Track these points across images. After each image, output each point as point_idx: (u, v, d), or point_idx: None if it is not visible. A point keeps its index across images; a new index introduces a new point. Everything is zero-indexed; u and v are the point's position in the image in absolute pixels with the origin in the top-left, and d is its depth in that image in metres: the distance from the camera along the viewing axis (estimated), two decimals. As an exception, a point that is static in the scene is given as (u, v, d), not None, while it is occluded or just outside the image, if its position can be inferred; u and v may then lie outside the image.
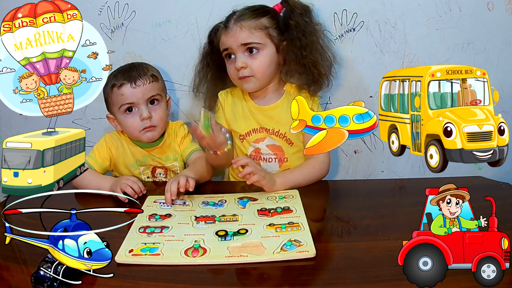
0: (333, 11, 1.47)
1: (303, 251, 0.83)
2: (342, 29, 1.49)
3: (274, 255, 0.82)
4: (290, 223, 0.95)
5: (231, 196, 1.13)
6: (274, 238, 0.88)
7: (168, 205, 1.08)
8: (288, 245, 0.85)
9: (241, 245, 0.87)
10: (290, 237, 0.88)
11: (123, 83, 1.27)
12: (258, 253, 0.84)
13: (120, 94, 1.27)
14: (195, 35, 1.52)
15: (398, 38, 1.46)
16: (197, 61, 1.39)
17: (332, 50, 1.35)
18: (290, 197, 1.10)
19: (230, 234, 0.91)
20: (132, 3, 1.51)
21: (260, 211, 1.02)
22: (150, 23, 1.52)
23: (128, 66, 1.34)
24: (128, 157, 1.34)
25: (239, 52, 1.22)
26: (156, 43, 1.52)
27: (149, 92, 1.29)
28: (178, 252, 0.84)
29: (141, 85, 1.28)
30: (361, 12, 1.46)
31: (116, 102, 1.29)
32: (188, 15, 1.50)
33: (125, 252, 0.85)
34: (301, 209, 1.02)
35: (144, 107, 1.28)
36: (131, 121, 1.29)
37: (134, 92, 1.27)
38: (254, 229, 0.93)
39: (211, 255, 0.84)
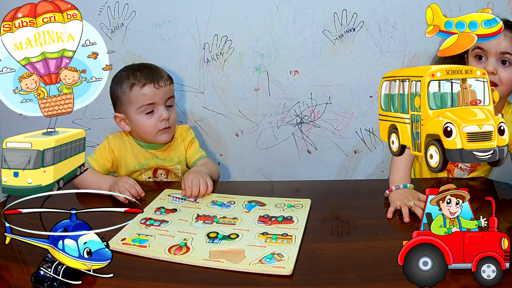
0: (333, 11, 1.47)
1: (279, 267, 0.80)
2: (342, 29, 1.49)
3: (249, 266, 0.81)
4: (284, 235, 0.93)
5: (241, 198, 1.12)
6: (259, 248, 0.87)
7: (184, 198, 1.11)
8: (268, 258, 0.83)
9: (224, 249, 0.87)
10: (275, 249, 0.86)
11: (146, 83, 1.27)
12: (235, 261, 0.83)
13: (142, 94, 1.27)
14: (195, 35, 1.52)
15: (398, 38, 1.47)
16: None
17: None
18: (299, 206, 1.07)
19: (219, 237, 0.91)
20: (132, 3, 1.51)
21: (261, 217, 1.01)
22: (150, 23, 1.52)
23: (142, 65, 1.34)
24: (130, 159, 1.34)
25: (492, 57, 1.19)
26: (156, 43, 1.52)
27: (168, 93, 1.32)
28: (162, 248, 0.86)
29: (163, 86, 1.29)
30: (361, 12, 1.47)
31: (135, 102, 1.28)
32: (188, 15, 1.51)
33: (118, 240, 0.89)
34: (303, 220, 0.99)
35: (163, 108, 1.30)
36: (150, 122, 1.29)
37: (156, 93, 1.28)
38: (246, 235, 0.93)
39: (191, 255, 0.85)
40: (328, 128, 1.60)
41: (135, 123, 1.31)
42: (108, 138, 1.35)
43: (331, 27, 1.49)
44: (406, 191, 1.09)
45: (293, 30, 1.51)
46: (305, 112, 1.59)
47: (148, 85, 1.27)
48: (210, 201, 1.10)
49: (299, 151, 1.64)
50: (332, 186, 1.28)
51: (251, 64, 1.55)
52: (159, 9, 1.51)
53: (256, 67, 1.55)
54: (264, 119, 1.60)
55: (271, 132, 1.62)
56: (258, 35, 1.52)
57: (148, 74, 1.29)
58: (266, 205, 1.08)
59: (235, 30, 1.52)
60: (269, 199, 1.12)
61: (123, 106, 1.31)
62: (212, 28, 1.52)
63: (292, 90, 1.57)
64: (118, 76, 1.32)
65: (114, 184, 1.17)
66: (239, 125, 1.62)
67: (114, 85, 1.31)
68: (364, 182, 1.49)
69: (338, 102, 1.55)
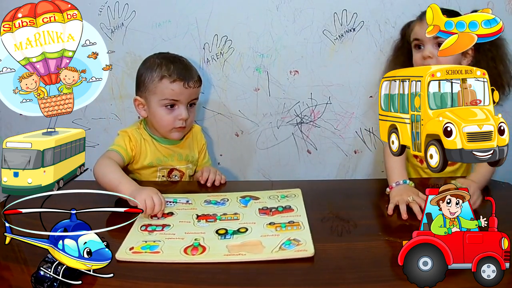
0: (333, 11, 1.47)
1: (301, 250, 0.83)
2: (342, 29, 1.49)
3: (272, 253, 0.83)
4: (291, 222, 0.95)
5: (233, 194, 1.13)
6: (274, 237, 0.89)
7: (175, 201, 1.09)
8: (287, 244, 0.85)
9: (240, 243, 0.87)
10: (289, 236, 0.89)
11: (177, 80, 1.27)
12: (256, 251, 0.84)
13: (170, 88, 1.27)
14: (195, 35, 1.52)
15: (398, 38, 1.46)
16: (390, 53, 1.44)
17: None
18: (292, 196, 1.10)
19: (230, 233, 0.91)
20: (132, 3, 1.51)
21: (261, 210, 1.03)
22: (150, 23, 1.52)
23: (178, 58, 1.33)
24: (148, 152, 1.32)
25: (428, 44, 1.25)
26: (156, 43, 1.52)
27: (194, 95, 1.31)
28: (177, 250, 0.85)
29: (192, 87, 1.29)
30: (361, 12, 1.47)
31: (160, 93, 1.27)
32: (188, 15, 1.51)
33: (126, 249, 0.85)
34: (302, 208, 1.02)
35: (184, 108, 1.29)
36: (168, 117, 1.29)
37: (183, 92, 1.27)
38: (254, 227, 0.93)
39: (210, 253, 0.84)
40: (328, 128, 1.60)
41: (153, 113, 1.30)
42: (126, 131, 1.32)
43: (331, 27, 1.49)
44: (406, 187, 1.10)
45: (293, 30, 1.51)
46: (305, 112, 1.59)
47: (178, 83, 1.27)
48: (203, 201, 1.09)
49: (299, 151, 1.64)
50: (332, 186, 1.28)
51: (251, 64, 1.55)
52: (159, 9, 1.51)
53: (256, 67, 1.55)
54: (264, 119, 1.60)
55: (271, 132, 1.62)
56: (258, 35, 1.52)
57: (181, 71, 1.28)
58: (260, 198, 1.09)
59: (235, 30, 1.52)
60: (260, 192, 1.13)
61: (146, 93, 1.30)
62: (212, 28, 1.52)
63: (292, 90, 1.57)
64: (150, 61, 1.31)
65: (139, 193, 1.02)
66: (239, 125, 1.62)
67: (145, 70, 1.30)
68: (364, 182, 1.49)
69: (338, 102, 1.55)
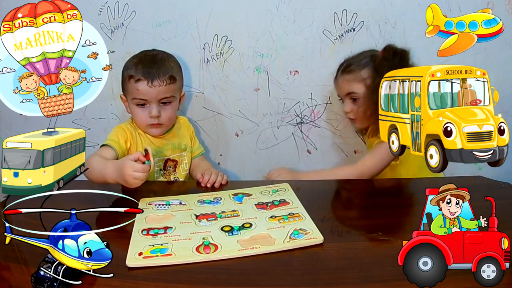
0: (333, 11, 1.47)
1: (311, 238, 0.85)
2: (342, 29, 1.49)
3: (284, 244, 0.84)
4: (291, 214, 0.96)
5: (225, 192, 1.13)
6: (280, 229, 0.90)
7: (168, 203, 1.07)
8: (295, 234, 0.87)
9: (249, 237, 0.88)
10: (295, 226, 0.90)
11: (140, 79, 1.27)
12: (268, 244, 0.85)
13: (135, 88, 1.28)
14: (195, 35, 1.52)
15: (398, 38, 1.46)
16: None
17: None
18: (283, 190, 1.12)
19: (236, 229, 0.91)
20: (132, 3, 1.51)
21: (258, 205, 1.03)
22: (150, 23, 1.52)
23: (151, 58, 1.33)
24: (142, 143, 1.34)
25: (346, 99, 1.40)
26: (156, 43, 1.52)
27: (163, 93, 1.30)
28: (190, 250, 0.84)
29: (157, 86, 1.28)
30: (361, 12, 1.47)
31: (130, 92, 1.30)
32: (188, 15, 1.51)
33: (135, 255, 0.82)
34: (297, 201, 1.04)
35: (155, 106, 1.29)
36: (141, 115, 1.31)
37: (148, 91, 1.27)
38: (258, 222, 0.94)
39: (224, 250, 0.84)
40: (328, 128, 1.60)
41: (131, 110, 1.34)
42: (120, 126, 1.35)
43: (331, 27, 1.49)
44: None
45: (293, 30, 1.51)
46: (305, 112, 1.59)
47: (142, 82, 1.27)
48: (196, 201, 1.08)
49: (299, 151, 1.64)
50: (332, 186, 1.28)
51: (251, 64, 1.55)
52: (159, 9, 1.51)
53: (256, 67, 1.55)
54: (264, 119, 1.60)
55: (271, 132, 1.62)
56: (258, 35, 1.52)
57: (147, 70, 1.28)
58: (252, 194, 1.10)
59: (235, 30, 1.52)
60: (250, 189, 1.13)
61: (125, 91, 1.34)
62: (212, 28, 1.52)
63: (292, 90, 1.57)
64: (130, 59, 1.34)
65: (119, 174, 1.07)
66: (239, 125, 1.62)
67: (124, 68, 1.33)
68: (364, 182, 1.48)
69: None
